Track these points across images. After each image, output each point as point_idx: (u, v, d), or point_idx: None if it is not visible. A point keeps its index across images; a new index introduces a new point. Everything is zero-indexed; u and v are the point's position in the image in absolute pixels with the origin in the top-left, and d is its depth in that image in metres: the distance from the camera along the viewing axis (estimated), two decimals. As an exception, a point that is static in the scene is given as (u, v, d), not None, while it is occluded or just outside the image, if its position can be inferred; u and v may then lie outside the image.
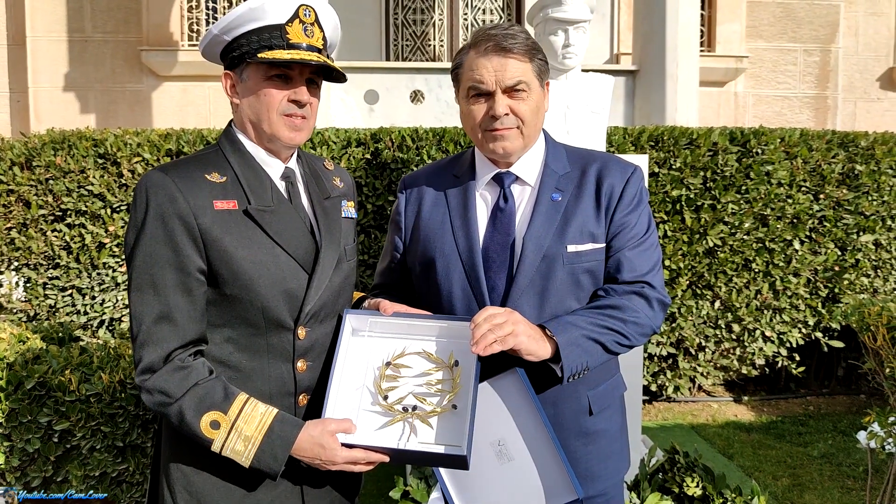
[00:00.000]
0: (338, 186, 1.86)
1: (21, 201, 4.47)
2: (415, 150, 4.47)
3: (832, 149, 4.86)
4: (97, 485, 2.53)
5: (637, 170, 1.88)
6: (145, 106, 7.90)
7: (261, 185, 1.66)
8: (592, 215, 1.81)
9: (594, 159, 1.89)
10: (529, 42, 1.78)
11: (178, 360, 1.54)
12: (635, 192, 1.84)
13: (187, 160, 1.66)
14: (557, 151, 1.91)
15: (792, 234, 4.78)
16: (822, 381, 5.51)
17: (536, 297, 1.76)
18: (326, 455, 1.54)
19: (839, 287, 4.92)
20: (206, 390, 1.54)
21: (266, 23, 1.61)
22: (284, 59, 1.59)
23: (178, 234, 1.54)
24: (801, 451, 4.45)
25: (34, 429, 2.45)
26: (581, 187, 1.84)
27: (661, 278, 1.86)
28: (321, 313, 1.70)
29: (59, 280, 4.53)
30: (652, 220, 1.90)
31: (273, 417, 1.56)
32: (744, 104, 8.65)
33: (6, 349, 2.60)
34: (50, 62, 7.80)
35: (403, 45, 8.14)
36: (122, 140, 4.45)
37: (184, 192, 1.56)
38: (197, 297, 1.57)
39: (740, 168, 4.71)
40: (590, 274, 1.80)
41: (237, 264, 1.59)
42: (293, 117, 1.66)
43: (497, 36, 1.75)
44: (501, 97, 1.75)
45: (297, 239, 1.67)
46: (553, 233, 1.78)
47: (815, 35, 8.64)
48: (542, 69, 1.81)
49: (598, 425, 1.85)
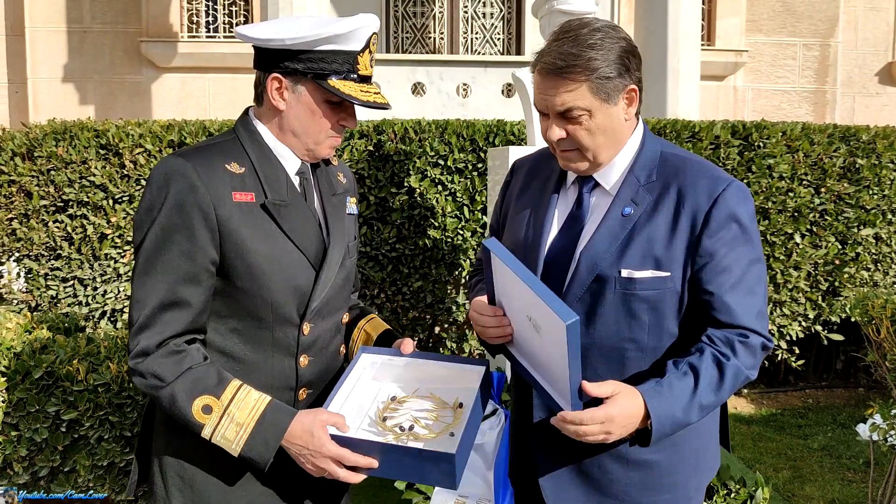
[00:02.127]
0: (342, 182, 1.86)
1: (22, 192, 4.45)
2: (417, 142, 4.47)
3: (833, 143, 4.87)
4: (105, 475, 2.53)
5: (731, 187, 1.59)
6: (145, 97, 7.88)
7: (277, 179, 1.65)
8: (664, 238, 1.59)
9: (685, 170, 1.64)
10: (593, 57, 1.54)
11: (172, 345, 1.53)
12: (727, 215, 1.57)
13: (206, 147, 1.63)
14: (649, 154, 1.68)
15: (793, 228, 4.80)
16: (820, 374, 5.54)
17: (583, 316, 1.61)
18: (314, 444, 1.50)
19: (839, 280, 4.94)
20: (199, 374, 1.52)
21: (342, 48, 1.60)
22: (362, 101, 1.60)
23: (195, 224, 1.52)
24: (802, 443, 4.47)
25: (42, 418, 2.45)
26: (659, 202, 1.61)
27: (765, 319, 1.62)
28: (325, 310, 1.70)
29: (61, 271, 4.52)
30: (755, 249, 1.62)
31: (266, 404, 1.54)
32: (743, 98, 8.66)
33: (13, 339, 2.60)
34: (49, 53, 7.77)
35: (403, 38, 8.13)
36: (124, 131, 4.44)
37: (205, 181, 1.54)
38: (204, 288, 1.56)
39: (742, 161, 4.72)
40: (648, 304, 1.59)
41: (252, 258, 1.58)
42: (336, 138, 1.69)
43: (549, 53, 1.58)
44: (555, 120, 1.61)
45: (308, 235, 1.67)
46: (613, 251, 1.60)
47: (814, 29, 8.65)
48: (608, 85, 1.56)
49: (644, 455, 1.66)
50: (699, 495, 1.77)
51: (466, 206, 4.47)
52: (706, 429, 1.74)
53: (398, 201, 4.47)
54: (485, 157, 4.44)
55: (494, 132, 4.50)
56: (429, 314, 4.61)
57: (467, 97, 6.78)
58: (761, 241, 4.74)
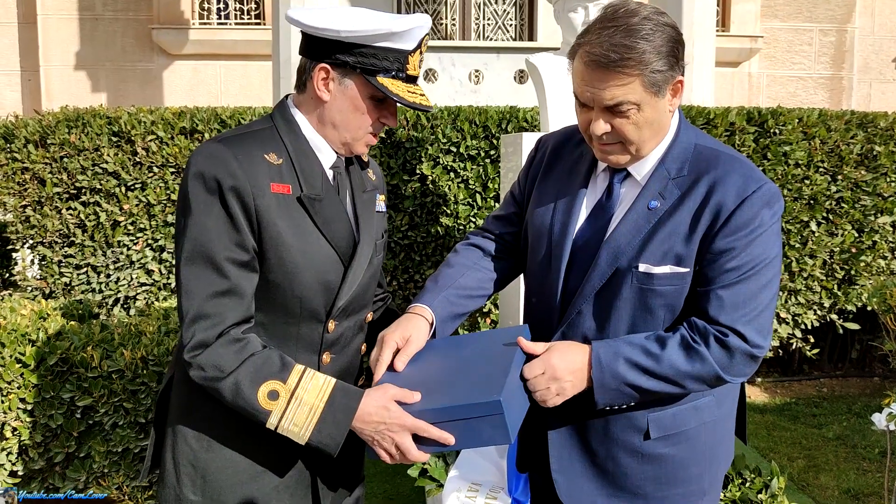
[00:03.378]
0: (371, 180, 1.83)
1: (36, 179, 4.46)
2: (429, 129, 4.44)
3: (851, 129, 4.81)
4: (120, 461, 2.54)
5: (761, 190, 1.52)
6: (156, 85, 7.88)
7: (313, 172, 1.62)
8: (685, 233, 1.54)
9: (717, 165, 1.57)
10: (646, 49, 1.47)
11: (232, 334, 1.49)
12: (750, 219, 1.51)
13: (245, 136, 1.59)
14: (683, 147, 1.62)
15: (809, 216, 4.75)
16: (835, 363, 5.50)
17: (600, 308, 1.60)
18: (391, 416, 1.46)
19: (856, 269, 4.89)
20: (263, 360, 1.49)
21: (396, 46, 1.57)
22: (409, 102, 1.57)
23: (236, 211, 1.49)
24: (816, 432, 4.44)
25: (57, 405, 2.46)
26: (686, 197, 1.56)
27: (757, 326, 1.53)
28: (350, 308, 1.68)
29: (74, 258, 4.54)
30: (772, 256, 1.54)
31: (333, 385, 1.51)
32: (758, 85, 8.57)
33: (27, 325, 2.61)
34: (61, 41, 7.78)
35: (415, 24, 8.08)
36: (137, 118, 4.44)
37: (245, 169, 1.51)
38: (253, 275, 1.54)
39: (757, 148, 4.67)
40: (664, 299, 1.56)
41: (286, 251, 1.55)
42: (374, 135, 1.67)
43: (600, 44, 1.48)
44: (600, 114, 1.53)
45: (340, 231, 1.64)
46: (635, 245, 1.56)
47: (830, 15, 8.54)
48: (659, 78, 1.50)
49: (659, 450, 1.64)
50: (715, 489, 1.74)
51: (479, 193, 4.45)
52: (722, 423, 1.71)
53: (410, 189, 4.45)
54: (497, 143, 4.41)
55: (507, 119, 4.47)
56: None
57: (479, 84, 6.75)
58: None
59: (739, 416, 1.82)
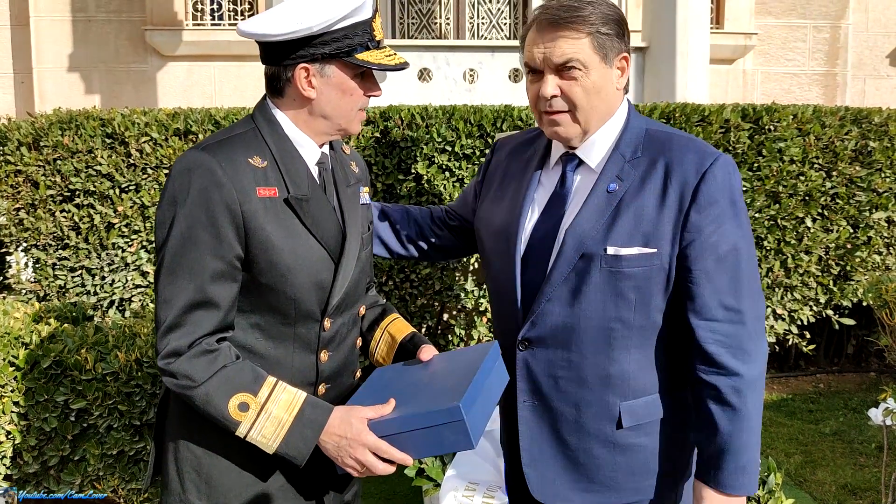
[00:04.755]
0: (354, 172, 1.82)
1: (29, 182, 4.45)
2: (424, 128, 4.43)
3: (845, 125, 4.81)
4: (115, 464, 2.53)
5: (719, 161, 1.57)
6: (150, 86, 7.86)
7: (298, 172, 1.62)
8: (651, 214, 1.57)
9: (671, 145, 1.62)
10: (593, 11, 1.57)
11: (204, 344, 1.50)
12: (715, 190, 1.55)
13: (228, 141, 1.58)
14: (635, 131, 1.67)
15: (804, 212, 4.75)
16: (832, 358, 5.50)
17: (569, 296, 1.61)
18: (352, 432, 1.47)
19: (851, 264, 4.89)
20: (234, 372, 1.50)
21: (359, 19, 1.57)
22: (390, 65, 1.60)
23: (221, 220, 1.49)
24: (813, 428, 4.45)
25: (51, 408, 2.45)
26: (645, 178, 1.60)
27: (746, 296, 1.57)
28: (343, 304, 1.68)
29: (69, 261, 4.52)
30: (742, 225, 1.59)
31: (304, 400, 1.52)
32: (752, 81, 8.58)
33: (21, 328, 2.59)
34: (54, 43, 7.75)
35: (409, 23, 8.07)
36: (130, 120, 4.42)
37: (230, 176, 1.50)
38: (232, 286, 1.53)
39: (752, 145, 4.67)
40: (634, 281, 1.58)
41: (276, 254, 1.55)
42: (363, 112, 1.68)
43: (550, 7, 1.59)
44: (550, 77, 1.59)
45: (329, 229, 1.64)
46: (600, 229, 1.58)
47: (824, 11, 8.55)
48: (607, 43, 1.58)
49: (631, 439, 1.66)
50: (687, 481, 1.75)
51: (474, 192, 4.44)
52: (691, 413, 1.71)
53: (405, 188, 4.44)
54: (492, 142, 4.40)
55: (502, 118, 4.46)
56: (437, 301, 4.59)
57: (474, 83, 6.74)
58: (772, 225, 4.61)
59: None
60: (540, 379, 1.68)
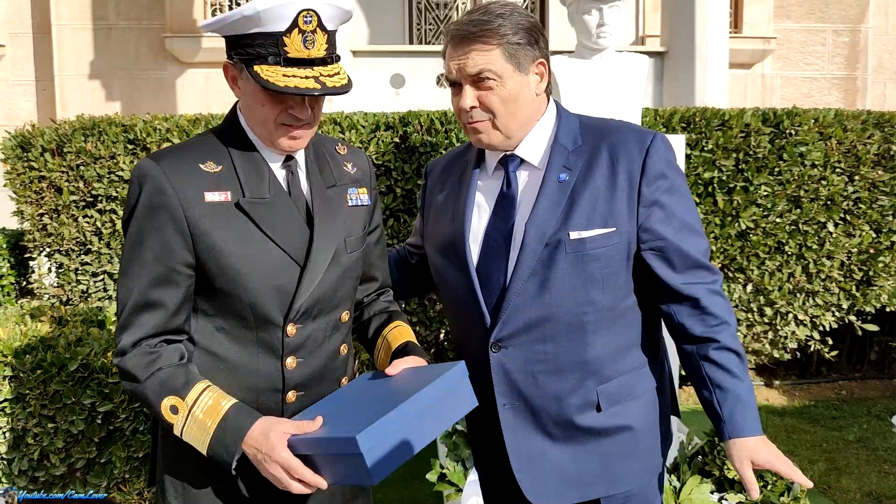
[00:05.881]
0: (348, 172, 1.75)
1: (53, 187, 4.49)
2: (443, 133, 4.44)
3: (867, 129, 4.77)
4: (140, 466, 2.54)
5: (657, 137, 1.68)
6: (169, 93, 7.93)
7: (258, 175, 1.58)
8: (605, 196, 1.65)
9: (609, 131, 1.72)
10: (502, 23, 1.63)
11: (146, 346, 1.53)
12: (661, 164, 1.66)
13: (183, 147, 1.60)
14: (569, 125, 1.74)
15: (826, 217, 4.71)
16: (854, 365, 5.45)
17: (538, 288, 1.65)
18: (267, 447, 1.44)
19: (874, 270, 4.84)
20: (167, 375, 1.51)
21: (265, 30, 1.48)
22: (279, 87, 1.46)
23: (164, 227, 1.51)
24: (836, 435, 4.40)
25: (78, 410, 2.47)
26: (592, 164, 1.67)
27: (708, 255, 1.73)
28: (314, 309, 1.62)
29: (91, 265, 4.56)
30: (688, 193, 1.73)
31: (229, 407, 1.49)
32: (771, 86, 8.53)
33: (48, 332, 2.62)
34: (75, 50, 7.84)
35: (426, 30, 8.10)
36: (152, 126, 4.46)
37: (173, 183, 1.51)
38: (178, 290, 1.54)
39: (773, 149, 4.64)
40: (599, 262, 1.65)
41: (225, 259, 1.53)
42: (291, 128, 1.56)
43: (462, 22, 1.65)
44: (467, 89, 1.65)
45: (291, 232, 1.59)
46: (558, 217, 1.64)
47: (844, 15, 8.49)
48: (520, 52, 1.64)
49: (611, 422, 1.71)
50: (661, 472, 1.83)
51: (493, 197, 4.43)
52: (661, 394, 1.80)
53: (425, 193, 4.45)
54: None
55: (521, 122, 4.46)
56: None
57: (492, 88, 6.75)
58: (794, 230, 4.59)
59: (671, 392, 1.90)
60: (517, 378, 1.69)
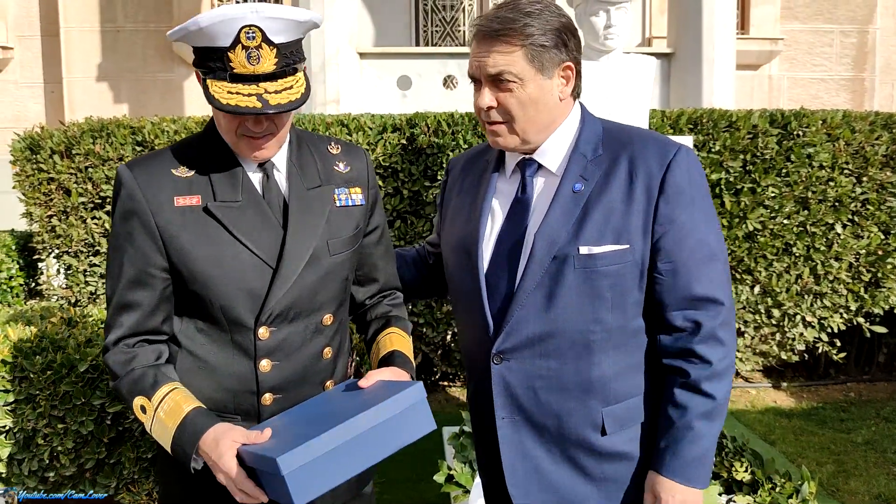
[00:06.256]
0: (339, 172, 1.72)
1: (61, 189, 4.52)
2: (450, 135, 4.45)
3: (875, 130, 4.76)
4: (149, 467, 2.55)
5: (681, 151, 1.57)
6: (177, 95, 7.96)
7: (230, 178, 1.59)
8: (620, 209, 1.55)
9: (630, 140, 1.62)
10: (529, 23, 1.53)
11: (123, 345, 1.58)
12: (682, 180, 1.55)
13: (161, 152, 1.63)
14: (592, 132, 1.65)
15: (834, 218, 4.70)
16: (862, 367, 5.42)
17: (544, 301, 1.57)
18: (216, 453, 1.45)
19: (882, 271, 4.82)
20: (139, 375, 1.55)
21: (210, 45, 1.47)
22: (221, 105, 1.46)
23: (136, 232, 1.56)
24: (844, 437, 4.38)
25: (87, 411, 2.48)
26: (610, 175, 1.58)
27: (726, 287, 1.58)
28: (290, 312, 1.61)
29: (99, 267, 4.58)
30: (710, 212, 1.60)
31: (189, 410, 1.51)
32: (778, 87, 8.52)
33: (57, 333, 2.63)
34: (83, 53, 7.88)
35: (433, 32, 8.11)
36: (160, 127, 4.48)
37: (143, 188, 1.55)
38: (154, 292, 1.58)
39: (781, 151, 4.63)
40: (609, 279, 1.55)
41: (193, 263, 1.56)
42: (253, 139, 1.55)
43: (487, 17, 1.57)
44: (486, 89, 1.57)
45: (263, 235, 1.59)
46: (569, 229, 1.56)
47: (851, 16, 8.48)
48: (544, 55, 1.55)
49: (615, 447, 1.62)
50: None
51: (500, 198, 4.44)
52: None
53: (431, 195, 4.45)
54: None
55: (528, 124, 4.47)
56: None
57: (498, 90, 6.76)
58: (802, 231, 4.54)
59: None
60: (518, 392, 1.62)
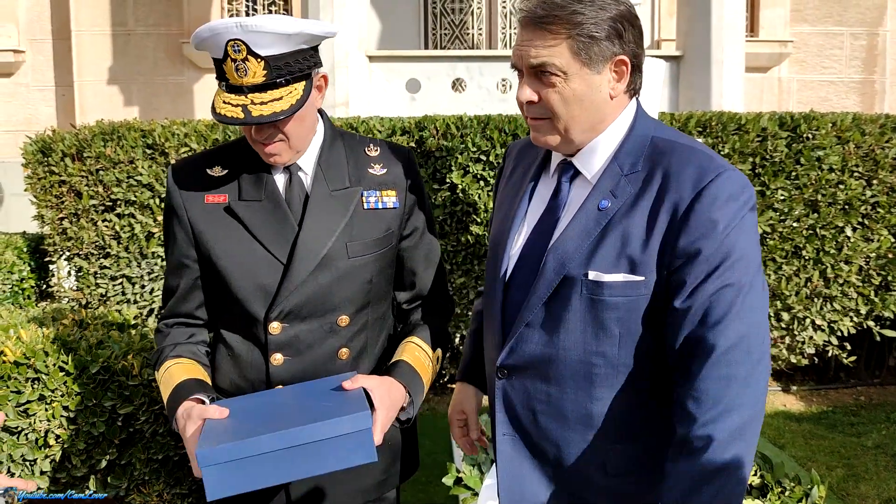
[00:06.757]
0: (373, 174, 1.74)
1: (73, 192, 4.55)
2: (459, 138, 4.46)
3: (886, 133, 4.74)
4: (160, 468, 2.56)
5: (721, 178, 1.34)
6: (187, 98, 8.00)
7: (256, 178, 1.68)
8: (640, 235, 1.37)
9: (671, 155, 1.40)
10: (578, 10, 1.34)
11: (163, 324, 1.78)
12: (711, 213, 1.32)
13: (204, 152, 1.76)
14: (638, 142, 1.44)
15: (843, 221, 4.68)
16: (873, 370, 5.40)
17: (549, 324, 1.45)
18: (182, 425, 1.53)
19: (892, 275, 4.80)
20: (159, 351, 1.74)
21: (212, 55, 1.56)
22: (214, 112, 1.56)
23: (174, 225, 1.71)
24: (855, 441, 4.36)
25: (99, 412, 2.49)
26: (640, 196, 1.39)
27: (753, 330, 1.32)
28: (303, 311, 1.65)
29: (110, 269, 4.60)
30: (744, 257, 1.33)
31: (177, 383, 1.62)
32: (787, 90, 8.49)
33: (69, 335, 2.65)
34: (94, 56, 7.93)
35: (442, 34, 8.12)
36: (170, 130, 4.50)
37: (180, 185, 1.69)
38: (187, 279, 1.73)
39: (790, 154, 4.62)
40: (617, 312, 1.39)
41: (216, 257, 1.67)
42: (264, 145, 1.61)
43: (532, 1, 1.39)
44: (527, 79, 1.42)
45: (279, 234, 1.64)
46: (584, 250, 1.40)
47: (861, 18, 8.44)
48: (594, 47, 1.36)
49: (622, 489, 1.49)
50: None
51: (509, 201, 4.44)
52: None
53: (440, 197, 4.46)
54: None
55: (537, 127, 4.47)
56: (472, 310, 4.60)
57: (507, 92, 6.76)
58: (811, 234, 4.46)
59: None
60: (518, 411, 1.53)
